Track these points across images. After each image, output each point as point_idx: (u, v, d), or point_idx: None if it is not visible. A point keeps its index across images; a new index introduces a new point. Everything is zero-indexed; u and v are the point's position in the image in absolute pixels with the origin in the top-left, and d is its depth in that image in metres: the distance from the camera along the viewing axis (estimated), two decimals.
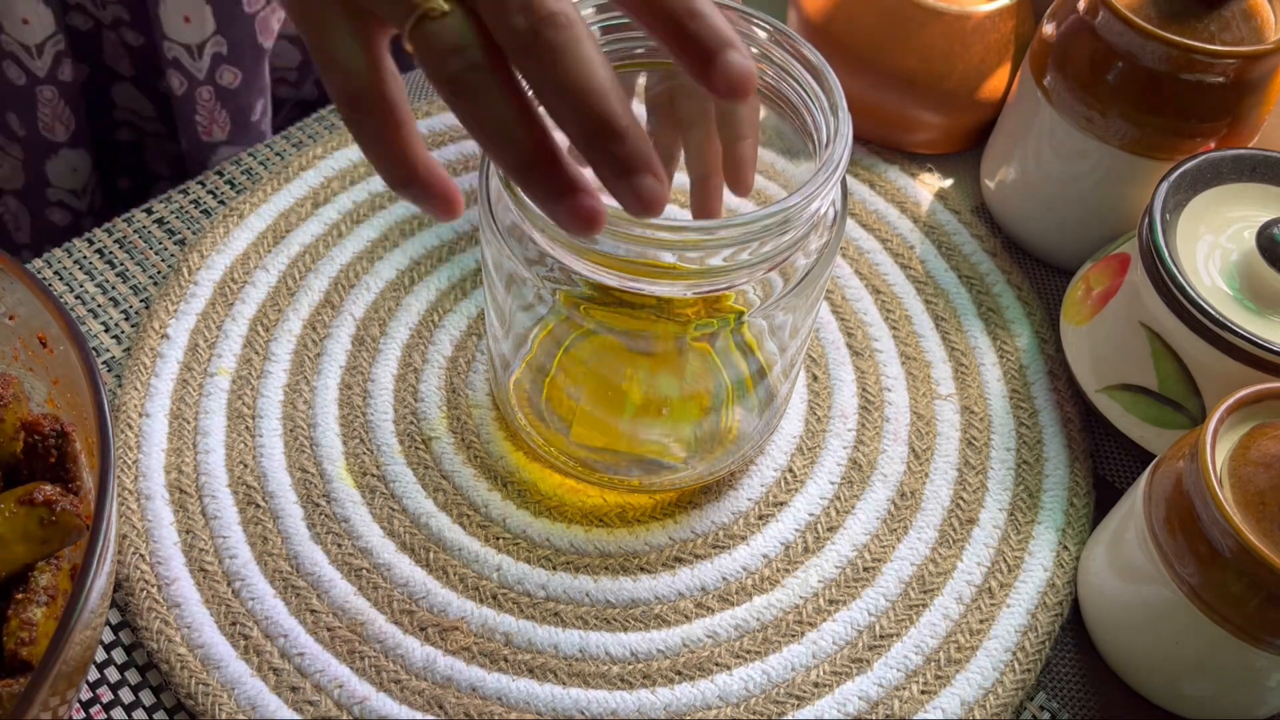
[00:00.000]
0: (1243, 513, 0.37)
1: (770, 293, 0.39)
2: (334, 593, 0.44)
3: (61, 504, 0.38)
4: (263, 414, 0.49)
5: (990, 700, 0.43)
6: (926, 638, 0.45)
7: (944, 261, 0.56)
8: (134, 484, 0.47)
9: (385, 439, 0.49)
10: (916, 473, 0.49)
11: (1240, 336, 0.42)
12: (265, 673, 0.43)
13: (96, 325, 0.52)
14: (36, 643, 0.37)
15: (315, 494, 0.47)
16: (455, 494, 0.47)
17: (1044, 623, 0.45)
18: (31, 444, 0.41)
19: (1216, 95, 0.48)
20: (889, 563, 0.46)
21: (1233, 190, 0.47)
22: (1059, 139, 0.51)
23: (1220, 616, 0.38)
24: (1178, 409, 0.46)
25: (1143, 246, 0.45)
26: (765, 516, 0.47)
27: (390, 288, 0.53)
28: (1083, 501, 0.48)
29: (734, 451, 0.47)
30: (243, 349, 0.51)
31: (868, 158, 0.60)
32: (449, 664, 0.43)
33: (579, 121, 0.29)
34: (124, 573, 0.45)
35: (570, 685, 0.43)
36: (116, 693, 0.42)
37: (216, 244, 0.54)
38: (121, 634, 0.44)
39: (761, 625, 0.45)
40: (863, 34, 0.57)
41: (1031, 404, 0.51)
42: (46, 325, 0.41)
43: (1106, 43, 0.48)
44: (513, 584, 0.45)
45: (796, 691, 0.43)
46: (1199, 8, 0.47)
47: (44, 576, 0.38)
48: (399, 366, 0.51)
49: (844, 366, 0.52)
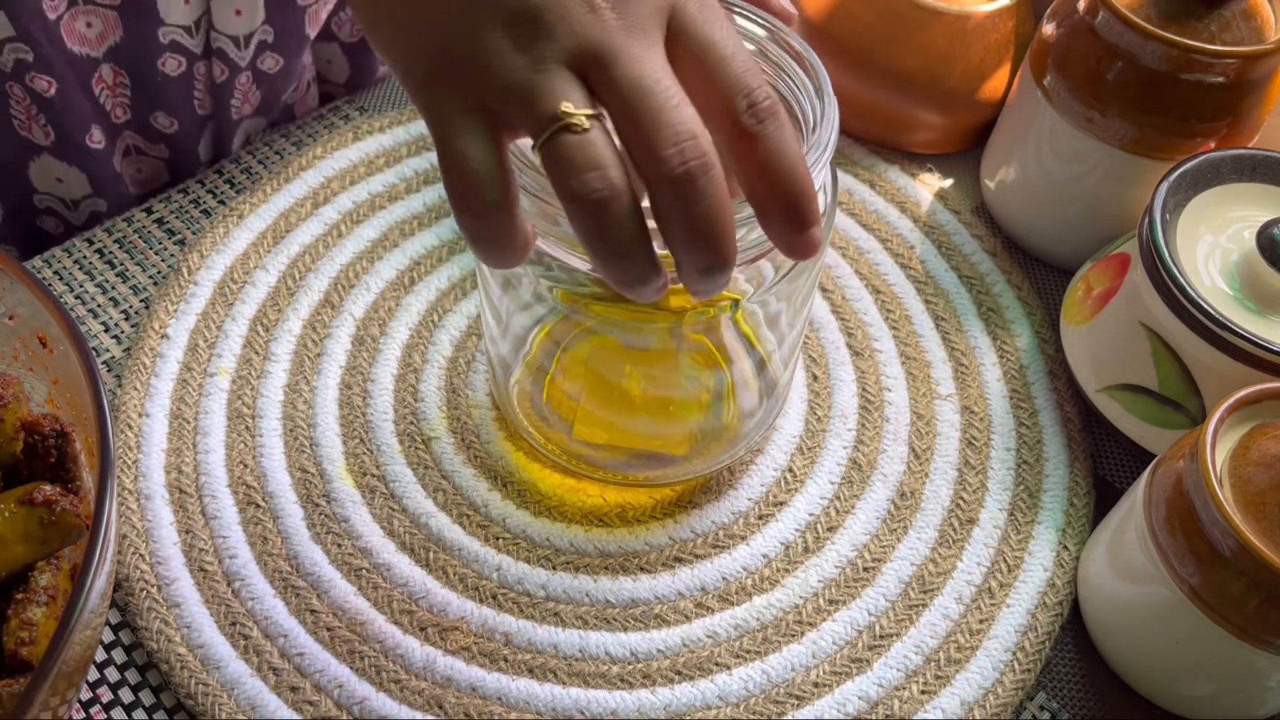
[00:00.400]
0: (1243, 513, 0.37)
1: (762, 281, 0.40)
2: (334, 593, 0.44)
3: (61, 504, 0.38)
4: (263, 414, 0.49)
5: (990, 700, 0.43)
6: (926, 638, 0.45)
7: (944, 261, 0.56)
8: (134, 484, 0.47)
9: (385, 439, 0.49)
10: (916, 473, 0.49)
11: (1240, 336, 0.42)
12: (265, 673, 0.43)
13: (96, 325, 0.52)
14: (36, 642, 0.37)
15: (315, 494, 0.47)
16: (455, 494, 0.47)
17: (1044, 623, 0.45)
18: (31, 444, 0.41)
19: (1216, 95, 0.48)
20: (889, 563, 0.46)
21: (1233, 190, 0.47)
22: (1059, 139, 0.51)
23: (1220, 616, 0.38)
24: (1178, 409, 0.46)
25: (1143, 246, 0.45)
26: (765, 516, 0.47)
27: (390, 288, 0.53)
28: (1083, 501, 0.48)
29: (736, 444, 0.47)
30: (243, 349, 0.51)
31: (868, 158, 0.60)
32: (449, 664, 0.43)
33: (702, 260, 0.31)
34: (124, 573, 0.45)
35: (570, 685, 0.43)
36: (116, 693, 0.42)
37: (216, 244, 0.54)
38: (121, 634, 0.44)
39: (761, 625, 0.45)
40: (863, 34, 0.57)
41: (1031, 404, 0.51)
42: (46, 325, 0.41)
43: (1106, 43, 0.48)
44: (513, 584, 0.45)
45: (796, 691, 0.43)
46: (1199, 8, 0.47)
47: (44, 576, 0.39)
48: (399, 366, 0.51)
49: (844, 366, 0.52)
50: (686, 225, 0.31)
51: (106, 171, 0.58)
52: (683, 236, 0.31)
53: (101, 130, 0.57)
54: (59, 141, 0.56)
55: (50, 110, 0.55)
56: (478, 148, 0.31)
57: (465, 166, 0.31)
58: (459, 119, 0.32)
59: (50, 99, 0.54)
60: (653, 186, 0.31)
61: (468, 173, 0.31)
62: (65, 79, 0.54)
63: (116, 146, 0.59)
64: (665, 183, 0.30)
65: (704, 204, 0.30)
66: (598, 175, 0.30)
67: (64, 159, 0.57)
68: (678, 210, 0.31)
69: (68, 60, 0.54)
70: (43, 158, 0.57)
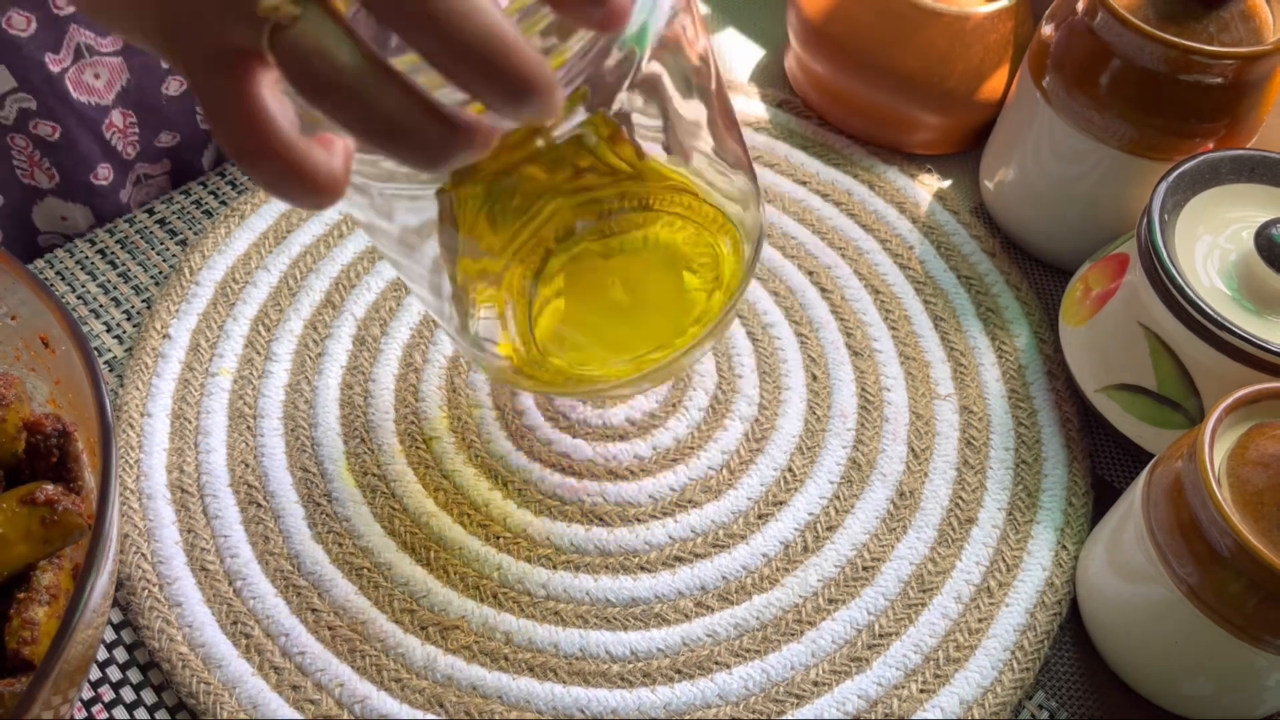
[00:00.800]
0: (1241, 512, 0.37)
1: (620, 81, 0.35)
2: (335, 592, 0.45)
3: (63, 503, 0.38)
4: (264, 413, 0.49)
5: (989, 699, 0.43)
6: (925, 637, 0.45)
7: (943, 262, 0.56)
8: (136, 483, 0.47)
9: (386, 438, 0.49)
10: (916, 472, 0.49)
11: (1238, 336, 0.43)
12: (266, 672, 0.43)
13: (98, 325, 0.52)
14: (38, 642, 0.37)
15: (316, 493, 0.47)
16: (456, 493, 0.47)
17: (1042, 622, 0.45)
18: (33, 444, 0.41)
19: (1215, 96, 0.48)
20: (888, 562, 0.46)
21: (1231, 191, 0.47)
22: (1058, 140, 0.52)
23: (1219, 616, 0.38)
24: (1176, 409, 0.46)
25: (1141, 247, 0.45)
26: (765, 516, 0.48)
27: (391, 288, 0.54)
28: (1081, 501, 0.48)
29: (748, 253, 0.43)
30: (244, 349, 0.51)
31: (867, 158, 0.60)
32: (449, 663, 0.43)
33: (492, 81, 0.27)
34: (125, 572, 0.45)
35: (570, 684, 0.43)
36: (118, 691, 0.43)
37: (218, 244, 0.54)
38: (123, 633, 0.44)
39: (761, 624, 0.45)
40: (862, 34, 0.57)
41: (1030, 404, 0.51)
42: (48, 326, 0.41)
43: (1105, 44, 0.48)
44: (513, 583, 0.45)
45: (796, 690, 0.43)
46: (1197, 9, 0.47)
47: (46, 576, 0.39)
48: (400, 366, 0.51)
49: (843, 366, 0.52)
50: (450, 45, 0.26)
51: (112, 203, 0.59)
52: (455, 64, 0.27)
53: (111, 168, 0.57)
54: (63, 182, 0.56)
55: (55, 153, 0.55)
56: (224, 89, 0.28)
57: (220, 115, 0.28)
58: (201, 67, 0.28)
59: (54, 143, 0.54)
60: (400, 28, 0.27)
61: (225, 121, 0.28)
62: (69, 124, 0.54)
63: (126, 180, 0.59)
64: (403, 14, 0.26)
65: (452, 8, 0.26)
66: (321, 58, 0.26)
67: (70, 199, 0.57)
68: (431, 33, 0.26)
69: (71, 108, 0.54)
70: (47, 200, 0.57)
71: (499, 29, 0.26)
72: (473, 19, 0.26)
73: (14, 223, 0.57)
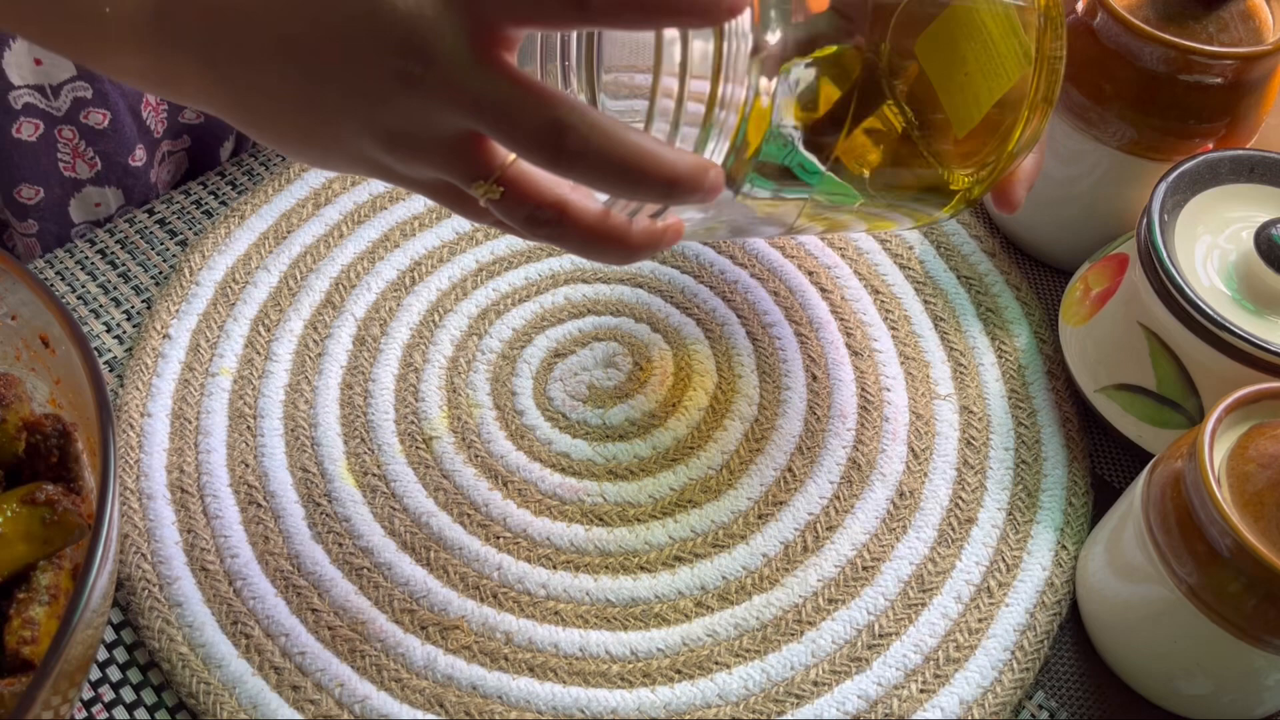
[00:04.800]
0: (1241, 512, 0.37)
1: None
2: (335, 592, 0.45)
3: (63, 503, 0.38)
4: (264, 414, 0.49)
5: (989, 699, 0.43)
6: (925, 637, 0.45)
7: (943, 262, 0.56)
8: (136, 483, 0.47)
9: (386, 438, 0.49)
10: (915, 472, 0.49)
11: (1238, 336, 0.43)
12: (266, 672, 0.43)
13: (98, 325, 0.52)
14: (39, 642, 0.37)
15: (316, 493, 0.47)
16: (456, 493, 0.47)
17: (1042, 622, 0.45)
18: (34, 444, 0.41)
19: (1215, 96, 0.48)
20: (888, 562, 0.46)
21: (1231, 191, 0.47)
22: (1058, 140, 0.52)
23: (1218, 616, 0.38)
24: (1176, 409, 0.46)
25: (1141, 247, 0.45)
26: (765, 516, 0.48)
27: (391, 288, 0.54)
28: (1081, 501, 0.48)
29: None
30: (244, 349, 0.51)
31: None
32: (449, 663, 0.43)
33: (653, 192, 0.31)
34: (126, 572, 0.45)
35: (570, 684, 0.43)
36: (118, 691, 0.43)
37: (218, 244, 0.54)
38: (123, 633, 0.44)
39: (761, 624, 0.45)
40: None
41: (1030, 404, 0.51)
42: (49, 325, 0.41)
43: (1105, 44, 0.48)
44: (513, 583, 0.45)
45: (796, 690, 0.43)
46: (1197, 9, 0.47)
47: (46, 576, 0.39)
48: (400, 366, 0.51)
49: (843, 366, 0.52)
50: (604, 174, 0.31)
51: (143, 184, 0.60)
52: (614, 187, 0.31)
53: (144, 148, 0.58)
54: (104, 169, 0.58)
55: (100, 141, 0.56)
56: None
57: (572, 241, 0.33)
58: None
59: (102, 130, 0.56)
60: (559, 172, 0.31)
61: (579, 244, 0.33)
62: (118, 109, 0.56)
63: (154, 159, 0.60)
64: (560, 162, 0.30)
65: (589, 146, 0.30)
66: (529, 212, 0.32)
67: (105, 184, 0.58)
68: (583, 168, 0.30)
69: (123, 93, 0.56)
70: (84, 190, 0.58)
71: (636, 148, 0.30)
72: (613, 149, 0.30)
73: (52, 216, 0.58)
